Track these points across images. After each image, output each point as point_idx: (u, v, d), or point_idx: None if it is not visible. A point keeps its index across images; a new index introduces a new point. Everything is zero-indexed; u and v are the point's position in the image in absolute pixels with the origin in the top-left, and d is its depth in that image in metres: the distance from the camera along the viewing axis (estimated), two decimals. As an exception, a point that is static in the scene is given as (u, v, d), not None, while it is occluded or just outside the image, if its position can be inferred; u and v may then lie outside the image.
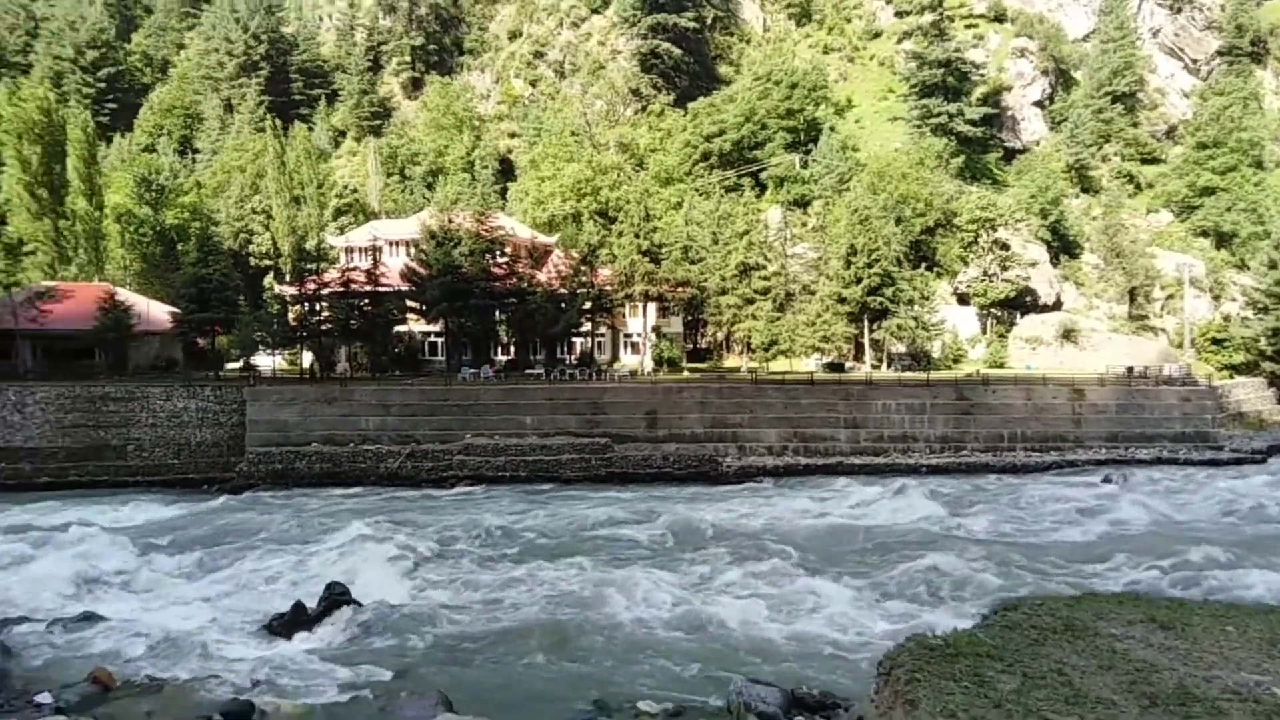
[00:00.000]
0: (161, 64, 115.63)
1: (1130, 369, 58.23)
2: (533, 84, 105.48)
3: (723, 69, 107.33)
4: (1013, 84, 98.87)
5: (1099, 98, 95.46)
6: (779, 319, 65.19)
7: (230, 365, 59.24)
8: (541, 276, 61.77)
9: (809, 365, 64.23)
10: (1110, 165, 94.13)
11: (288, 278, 68.86)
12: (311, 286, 58.01)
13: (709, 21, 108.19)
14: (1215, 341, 70.35)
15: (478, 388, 50.93)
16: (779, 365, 64.22)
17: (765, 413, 49.57)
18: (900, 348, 67.12)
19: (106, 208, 70.70)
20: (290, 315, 59.68)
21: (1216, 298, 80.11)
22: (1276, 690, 10.21)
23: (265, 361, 59.45)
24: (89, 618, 24.38)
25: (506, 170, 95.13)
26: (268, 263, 75.44)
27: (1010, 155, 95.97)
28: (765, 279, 67.83)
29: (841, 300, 64.16)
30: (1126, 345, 68.16)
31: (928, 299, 67.10)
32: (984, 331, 73.60)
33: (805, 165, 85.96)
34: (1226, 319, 73.75)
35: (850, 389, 51.45)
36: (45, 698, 18.51)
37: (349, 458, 45.24)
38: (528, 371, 57.77)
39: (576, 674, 20.25)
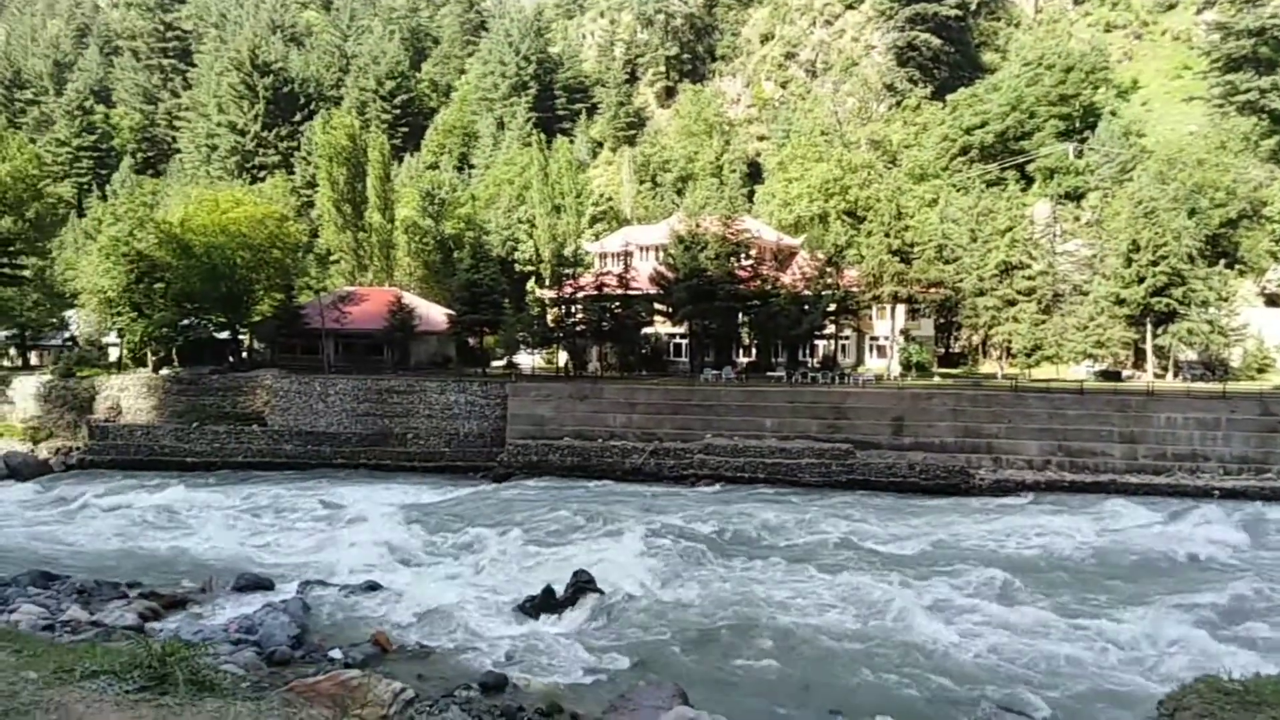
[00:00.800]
0: (445, 89, 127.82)
1: None
2: (783, 85, 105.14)
3: (987, 56, 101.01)
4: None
5: None
6: (1044, 322, 60.17)
7: (495, 363, 64.38)
8: (786, 278, 61.39)
9: (1078, 373, 58.77)
10: None
11: (547, 282, 73.59)
12: (568, 290, 61.57)
13: (973, 7, 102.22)
14: None
15: (719, 388, 51.60)
16: (1042, 372, 59.33)
17: (1025, 423, 45.97)
18: (1190, 355, 59.58)
19: (397, 220, 79.39)
20: (548, 317, 63.77)
21: None
22: None
23: (525, 360, 63.98)
24: (372, 586, 27.57)
25: (754, 173, 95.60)
26: (530, 268, 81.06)
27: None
28: (1029, 279, 62.91)
29: (1120, 302, 58.07)
30: None
31: (1226, 300, 58.97)
32: (1301, 338, 63.49)
33: (1079, 155, 78.81)
34: None
35: (1127, 400, 46.40)
36: (336, 653, 21.26)
37: (597, 452, 47.59)
38: (769, 374, 57.65)
39: (810, 681, 19.99)
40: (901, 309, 63.63)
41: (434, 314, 65.80)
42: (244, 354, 65.07)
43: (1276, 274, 66.28)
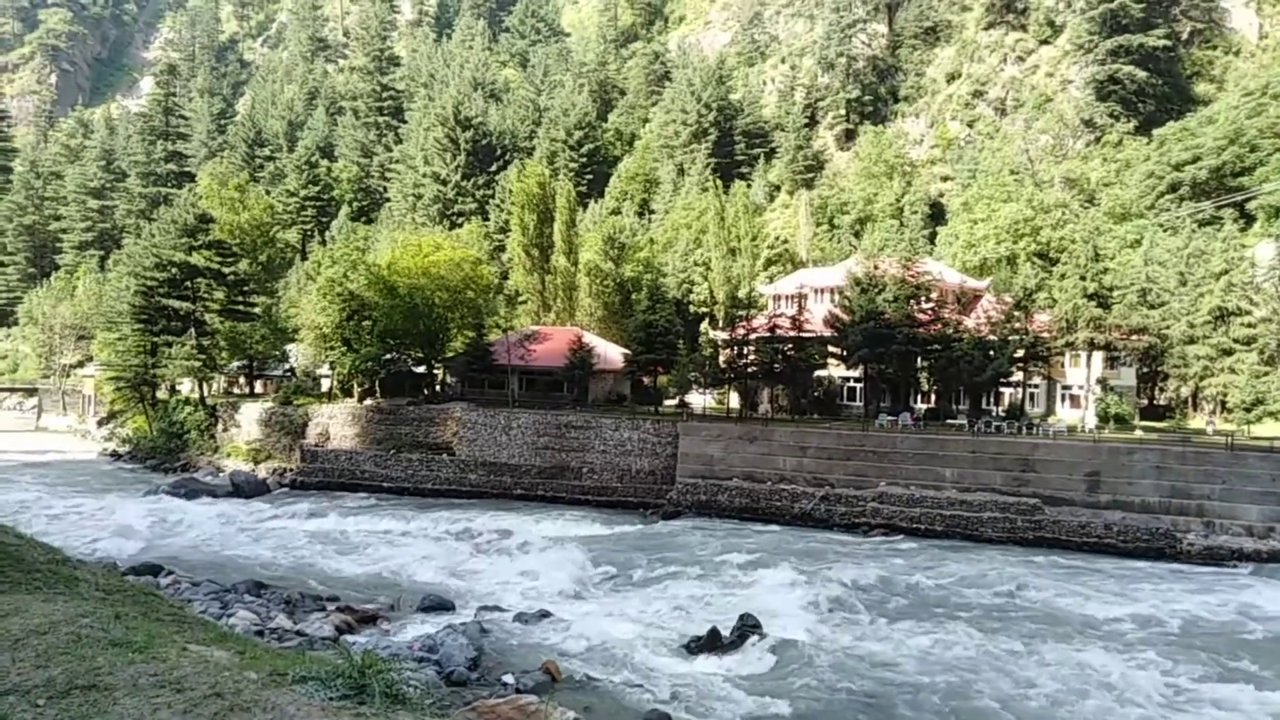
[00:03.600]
0: (630, 138, 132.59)
1: None
2: (970, 124, 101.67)
3: (1200, 88, 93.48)
4: None
5: None
6: (1267, 374, 54.48)
7: (668, 402, 65.53)
8: (969, 322, 59.00)
9: (1310, 432, 52.64)
10: None
11: (720, 323, 74.30)
12: (741, 331, 61.97)
13: (1184, 37, 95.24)
14: None
15: (895, 435, 50.11)
16: (1265, 429, 53.58)
17: (1244, 485, 41.68)
18: None
19: (580, 264, 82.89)
20: (721, 358, 64.32)
21: None
22: None
23: (697, 400, 64.72)
24: (544, 615, 28.80)
25: (936, 215, 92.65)
26: (704, 309, 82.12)
27: None
28: (1250, 326, 57.31)
29: (1361, 354, 51.82)
30: None
31: None
32: None
33: (1311, 190, 71.16)
34: None
35: (1370, 464, 41.18)
36: (509, 678, 22.42)
37: (766, 495, 47.36)
38: (949, 421, 55.35)
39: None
40: (1098, 357, 59.48)
41: (611, 353, 67.99)
42: (438, 387, 69.69)
43: None
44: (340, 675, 7.08)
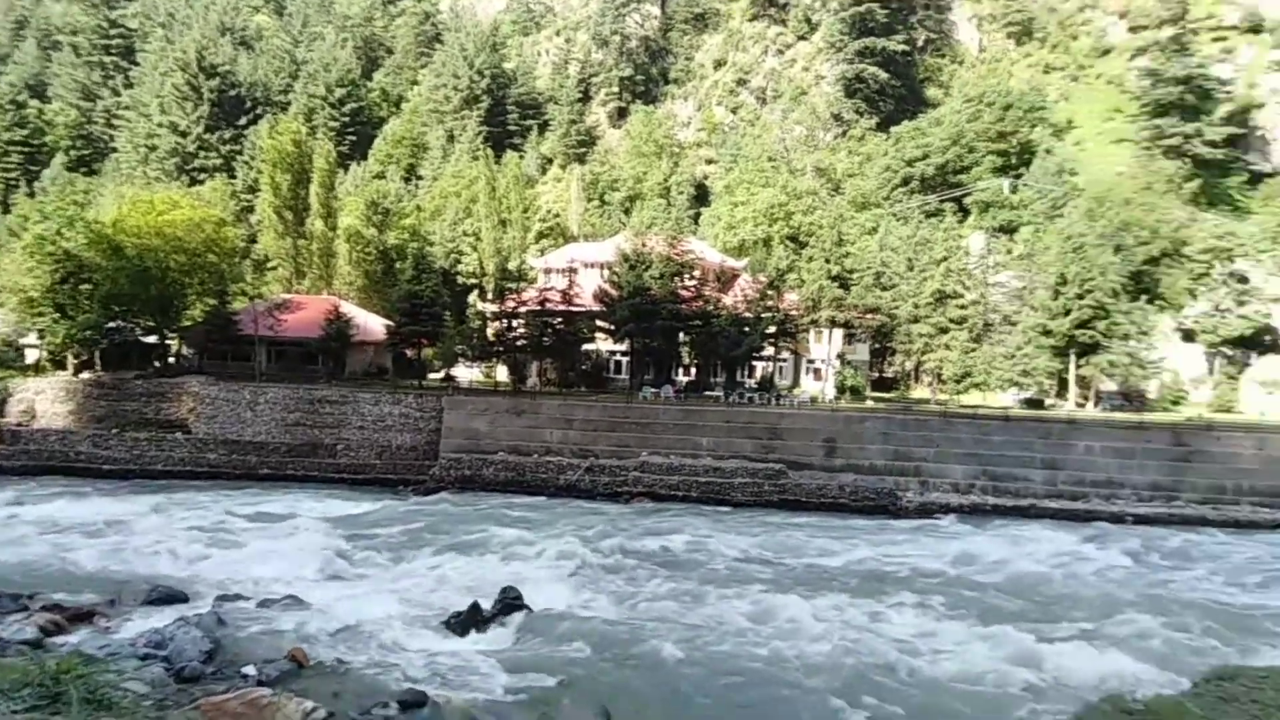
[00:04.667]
0: (397, 99, 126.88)
1: (1398, 423, 50.39)
2: (734, 111, 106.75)
3: (930, 92, 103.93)
4: (1265, 101, 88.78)
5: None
6: (974, 350, 61.86)
7: (432, 375, 63.76)
8: (727, 300, 62.10)
9: (1004, 400, 60.46)
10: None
11: (490, 296, 73.25)
12: (510, 304, 61.40)
13: (920, 44, 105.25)
14: None
15: (657, 407, 51.87)
16: (971, 399, 60.87)
17: (953, 448, 47.14)
18: (1110, 386, 61.76)
19: (339, 229, 78.40)
20: (489, 331, 63.45)
21: None
22: None
23: (464, 373, 63.49)
24: (292, 600, 26.98)
25: (701, 195, 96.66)
26: (473, 281, 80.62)
27: (1257, 179, 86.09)
28: (962, 308, 64.70)
29: (1046, 333, 60.04)
30: (1395, 396, 59.16)
31: (1146, 334, 61.37)
32: (1211, 372, 66.29)
33: (1014, 190, 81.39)
34: None
35: (1050, 427, 47.91)
36: (249, 670, 20.71)
37: (532, 467, 47.40)
38: (707, 393, 58.16)
39: (736, 703, 20.04)
40: (838, 333, 64.80)
41: (372, 324, 65.02)
42: (171, 359, 63.44)
43: (1193, 311, 69.10)
44: (29, 684, 6.04)
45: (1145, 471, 44.94)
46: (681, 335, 61.42)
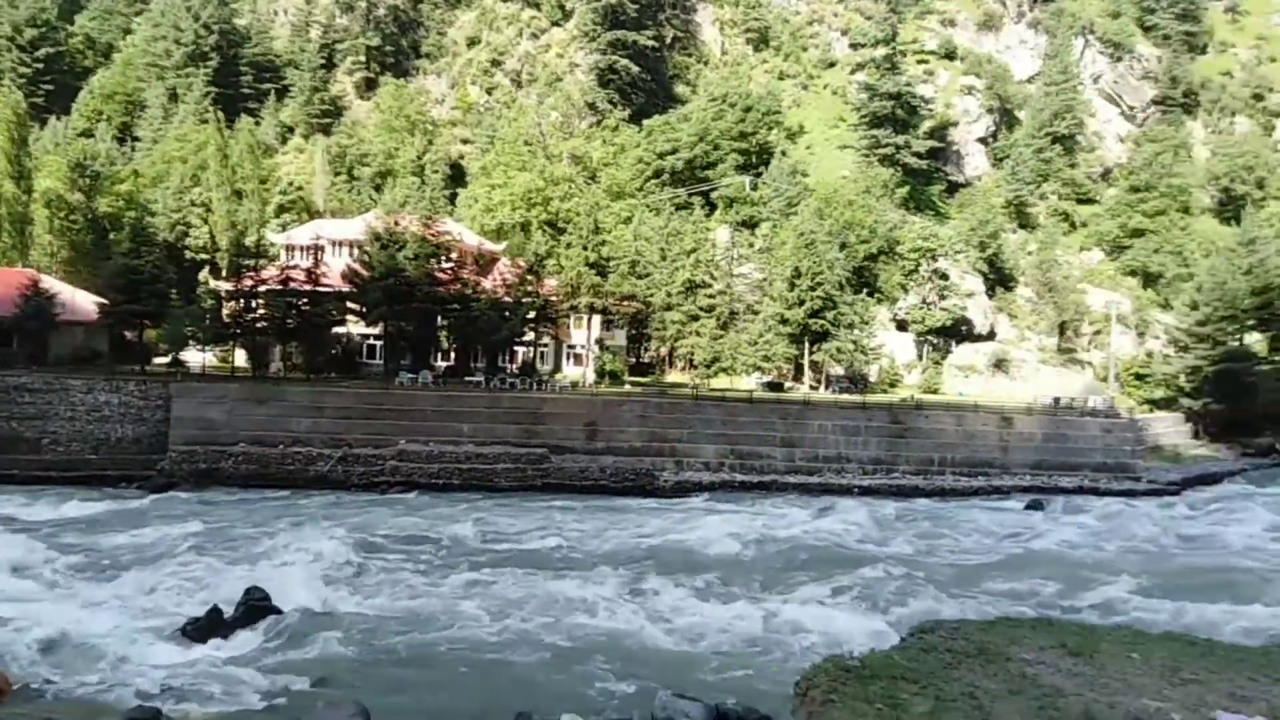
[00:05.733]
0: (105, 48, 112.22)
1: (1057, 400, 59.92)
2: (489, 91, 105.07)
3: (679, 88, 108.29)
4: (959, 120, 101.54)
5: (1040, 138, 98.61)
6: (722, 337, 65.66)
7: (158, 360, 57.41)
8: (487, 284, 61.26)
9: (749, 384, 64.76)
10: (1047, 203, 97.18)
11: (224, 273, 67.17)
12: (248, 283, 56.63)
13: (668, 41, 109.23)
14: (1138, 377, 72.87)
15: (415, 393, 50.21)
16: (720, 382, 64.63)
17: (704, 429, 49.82)
18: (838, 370, 68.15)
19: (36, 192, 68.23)
20: (224, 311, 58.17)
21: (1141, 335, 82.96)
22: (1175, 716, 10.49)
23: (195, 358, 57.75)
24: (-9, 617, 23.29)
25: (457, 176, 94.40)
26: (204, 257, 73.44)
27: (953, 188, 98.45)
28: (710, 297, 68.33)
29: (784, 321, 64.94)
30: (1054, 377, 70.25)
31: (867, 324, 68.30)
32: (920, 358, 75.16)
33: (755, 187, 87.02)
34: (1149, 355, 76.45)
35: (788, 408, 52.01)
36: (-82, 707, 17.52)
37: (277, 459, 44.16)
38: (468, 379, 57.12)
39: (499, 686, 20.01)
40: (597, 320, 66.14)
41: (81, 302, 57.23)
42: None
43: (905, 303, 77.79)
44: None
45: (869, 447, 50.12)
46: (440, 319, 59.84)
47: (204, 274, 71.20)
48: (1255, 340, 71.59)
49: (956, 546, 35.59)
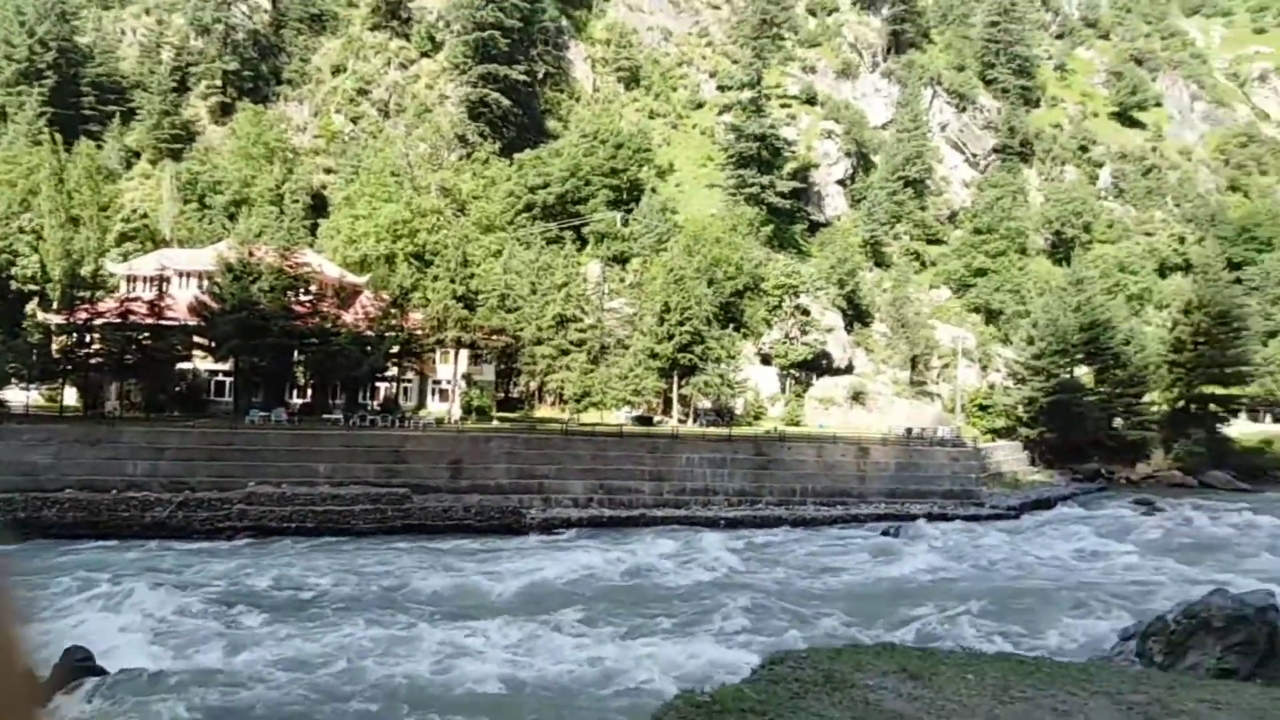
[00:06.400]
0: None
1: (909, 430, 62.74)
2: (354, 120, 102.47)
3: (551, 123, 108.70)
4: (819, 162, 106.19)
5: (893, 181, 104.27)
6: (592, 371, 65.63)
7: (-24, 399, 52.47)
8: (348, 317, 59.20)
9: (619, 418, 64.86)
10: (900, 243, 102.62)
11: (56, 304, 62.37)
12: (83, 316, 52.72)
13: (540, 76, 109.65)
14: (981, 407, 77.43)
15: (267, 432, 47.71)
16: (590, 417, 64.47)
17: (573, 464, 49.37)
18: (706, 403, 69.24)
19: None
20: (54, 346, 53.85)
21: (984, 368, 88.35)
22: (1002, 735, 10.81)
23: (18, 396, 53.13)
24: None
25: (319, 206, 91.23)
26: (33, 287, 67.94)
27: (815, 228, 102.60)
28: (581, 331, 68.30)
29: (653, 355, 65.54)
30: (907, 408, 73.62)
31: (734, 358, 69.80)
32: (783, 391, 77.34)
33: (626, 223, 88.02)
34: (991, 388, 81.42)
35: (657, 442, 52.29)
36: None
37: (110, 505, 40.79)
38: (325, 416, 54.76)
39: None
40: (465, 354, 64.88)
41: (-117, 336, 51.88)
42: None
43: (770, 338, 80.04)
44: None
45: (734, 479, 50.87)
46: (296, 354, 57.31)
47: (32, 305, 65.76)
48: (1084, 372, 77.33)
49: (814, 575, 36.36)
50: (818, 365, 79.32)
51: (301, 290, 58.59)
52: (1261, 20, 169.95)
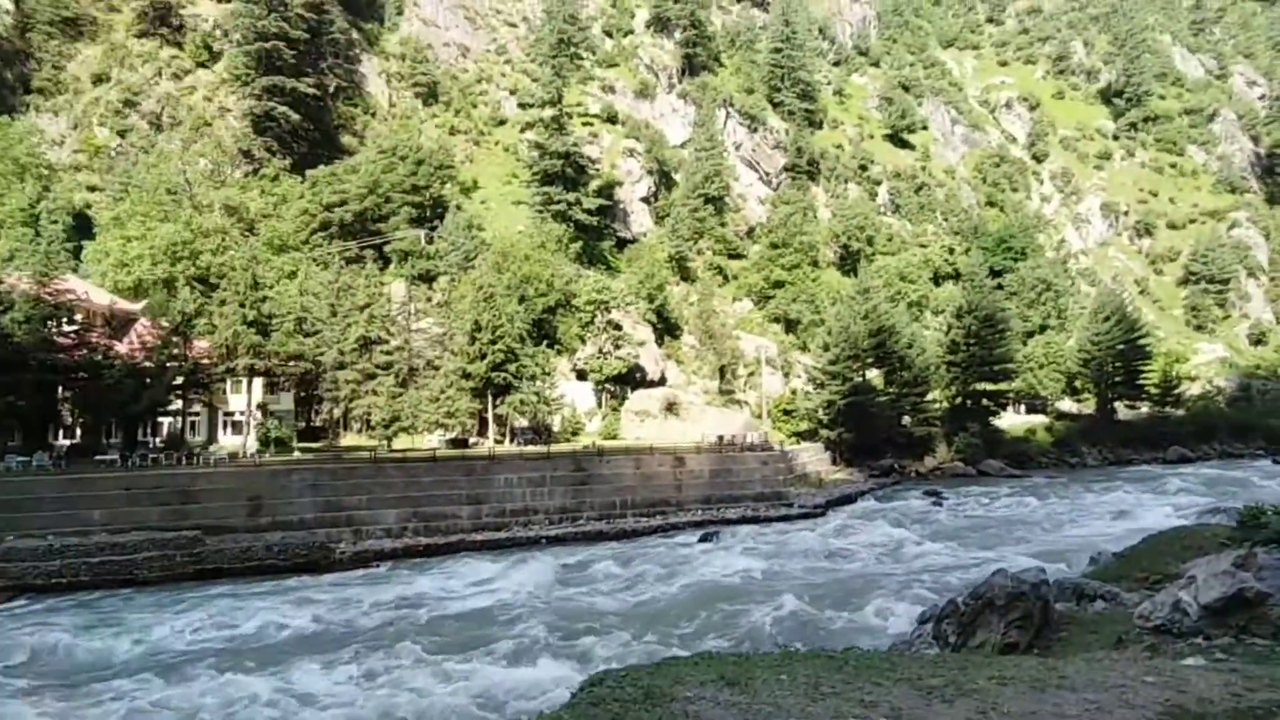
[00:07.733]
0: None
1: (721, 438, 65.00)
2: (121, 134, 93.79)
3: (346, 139, 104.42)
4: (623, 180, 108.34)
5: (694, 198, 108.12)
6: (401, 395, 63.30)
7: None
8: (122, 348, 53.92)
9: (432, 442, 62.94)
10: (704, 258, 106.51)
11: None
12: None
13: (331, 90, 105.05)
14: (785, 412, 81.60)
15: (29, 479, 42.47)
16: (402, 442, 62.13)
17: (384, 493, 47.29)
18: (523, 422, 68.55)
19: None
20: None
21: (786, 375, 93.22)
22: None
23: None
24: None
25: (83, 227, 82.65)
26: None
27: (623, 244, 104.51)
28: (387, 354, 65.82)
29: (466, 376, 64.17)
30: (719, 416, 76.28)
31: (549, 375, 69.59)
32: (600, 405, 78.02)
33: (431, 241, 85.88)
34: (794, 393, 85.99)
35: (473, 464, 51.11)
36: None
37: None
38: (99, 457, 49.50)
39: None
40: (259, 382, 60.82)
41: None
42: None
43: (584, 353, 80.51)
44: None
45: (554, 496, 50.56)
46: (61, 390, 51.49)
47: None
48: (874, 375, 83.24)
49: (635, 588, 36.59)
50: (632, 379, 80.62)
51: (64, 320, 52.81)
52: (1004, 54, 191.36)
